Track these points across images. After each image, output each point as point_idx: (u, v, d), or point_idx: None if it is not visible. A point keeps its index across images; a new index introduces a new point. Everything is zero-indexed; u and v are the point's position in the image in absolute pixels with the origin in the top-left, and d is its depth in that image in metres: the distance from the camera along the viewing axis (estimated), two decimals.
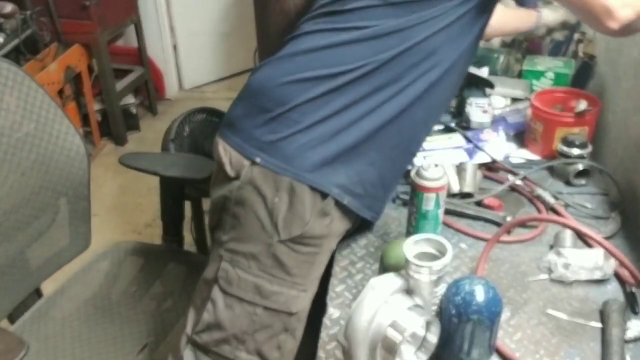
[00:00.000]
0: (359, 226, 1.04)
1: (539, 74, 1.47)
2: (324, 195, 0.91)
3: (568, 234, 0.99)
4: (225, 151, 0.95)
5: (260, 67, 0.99)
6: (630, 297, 0.90)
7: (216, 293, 0.93)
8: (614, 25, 0.83)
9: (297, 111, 0.90)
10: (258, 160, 0.90)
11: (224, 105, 2.68)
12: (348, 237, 1.05)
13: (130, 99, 3.14)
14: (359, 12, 0.91)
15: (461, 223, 1.08)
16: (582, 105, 1.21)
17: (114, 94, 2.92)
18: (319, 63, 0.91)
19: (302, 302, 0.94)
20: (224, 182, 0.95)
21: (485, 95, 1.42)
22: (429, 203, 0.95)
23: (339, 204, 0.93)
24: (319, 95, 0.90)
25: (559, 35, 1.54)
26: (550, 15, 1.46)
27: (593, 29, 0.94)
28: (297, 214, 0.90)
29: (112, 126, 3.01)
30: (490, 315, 0.75)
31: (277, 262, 0.91)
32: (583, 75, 1.46)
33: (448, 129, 1.34)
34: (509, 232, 1.02)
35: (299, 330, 0.96)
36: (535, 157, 1.28)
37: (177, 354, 0.98)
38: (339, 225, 0.96)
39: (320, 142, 0.90)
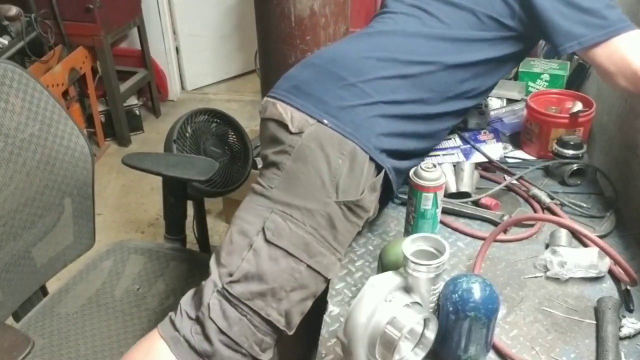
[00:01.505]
0: None
1: (534, 76, 1.49)
2: (378, 171, 0.95)
3: (563, 233, 1.00)
4: (285, 110, 0.95)
5: (344, 40, 1.08)
6: (624, 295, 0.91)
7: (260, 243, 0.88)
8: None
9: (371, 85, 0.96)
10: (325, 121, 0.92)
11: (225, 107, 2.69)
12: None
13: (133, 101, 3.16)
14: (448, 9, 1.04)
15: (458, 222, 1.10)
16: (577, 106, 1.23)
17: (118, 95, 2.94)
18: (396, 47, 1.01)
19: (335, 271, 0.94)
20: (281, 137, 0.94)
21: None
22: (427, 202, 0.97)
23: (383, 183, 0.97)
24: (391, 77, 0.97)
25: None
26: None
27: (624, 91, 1.03)
28: (355, 181, 0.92)
29: (116, 127, 3.03)
30: (487, 312, 0.75)
31: (330, 223, 0.90)
32: (578, 77, 1.47)
33: None
34: (505, 231, 1.03)
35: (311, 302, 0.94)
36: (531, 157, 1.29)
37: (199, 302, 0.89)
38: (375, 206, 0.98)
39: (385, 119, 0.95)
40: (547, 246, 1.02)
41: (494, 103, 1.45)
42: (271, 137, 0.96)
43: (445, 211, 1.08)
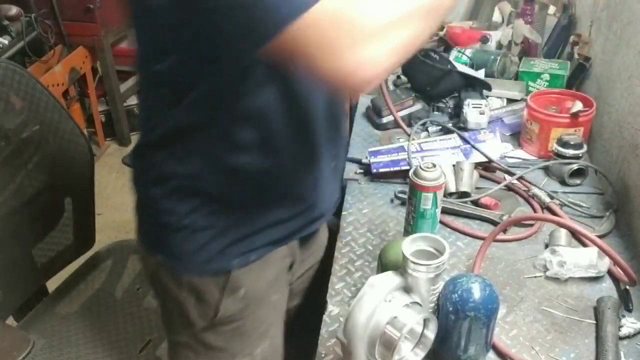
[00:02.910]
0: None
1: (534, 76, 1.48)
2: (228, 272, 0.85)
3: (563, 233, 1.00)
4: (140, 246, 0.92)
5: None
6: (624, 295, 0.91)
7: None
8: None
9: (160, 210, 0.83)
10: (159, 257, 0.87)
11: None
12: (347, 236, 1.06)
13: (133, 100, 3.15)
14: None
15: (458, 222, 1.09)
16: (577, 106, 1.23)
17: (118, 95, 2.94)
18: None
19: None
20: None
21: (482, 96, 1.43)
22: (427, 202, 0.96)
23: (248, 264, 0.86)
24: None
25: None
26: None
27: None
28: (206, 304, 0.86)
29: (116, 127, 3.03)
30: (487, 312, 0.75)
31: (208, 346, 0.90)
32: (578, 77, 1.47)
33: (445, 130, 1.35)
34: (505, 230, 1.03)
35: None
36: (531, 157, 1.29)
37: None
38: (259, 283, 0.89)
39: (195, 231, 0.82)
40: (546, 246, 1.02)
41: (494, 103, 1.45)
42: None
43: (444, 211, 1.08)
